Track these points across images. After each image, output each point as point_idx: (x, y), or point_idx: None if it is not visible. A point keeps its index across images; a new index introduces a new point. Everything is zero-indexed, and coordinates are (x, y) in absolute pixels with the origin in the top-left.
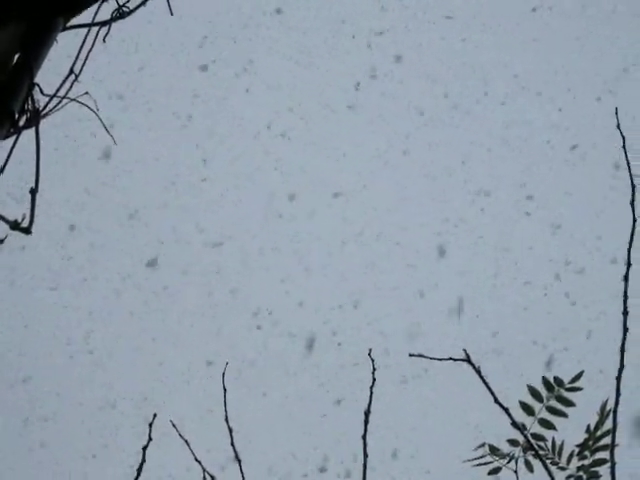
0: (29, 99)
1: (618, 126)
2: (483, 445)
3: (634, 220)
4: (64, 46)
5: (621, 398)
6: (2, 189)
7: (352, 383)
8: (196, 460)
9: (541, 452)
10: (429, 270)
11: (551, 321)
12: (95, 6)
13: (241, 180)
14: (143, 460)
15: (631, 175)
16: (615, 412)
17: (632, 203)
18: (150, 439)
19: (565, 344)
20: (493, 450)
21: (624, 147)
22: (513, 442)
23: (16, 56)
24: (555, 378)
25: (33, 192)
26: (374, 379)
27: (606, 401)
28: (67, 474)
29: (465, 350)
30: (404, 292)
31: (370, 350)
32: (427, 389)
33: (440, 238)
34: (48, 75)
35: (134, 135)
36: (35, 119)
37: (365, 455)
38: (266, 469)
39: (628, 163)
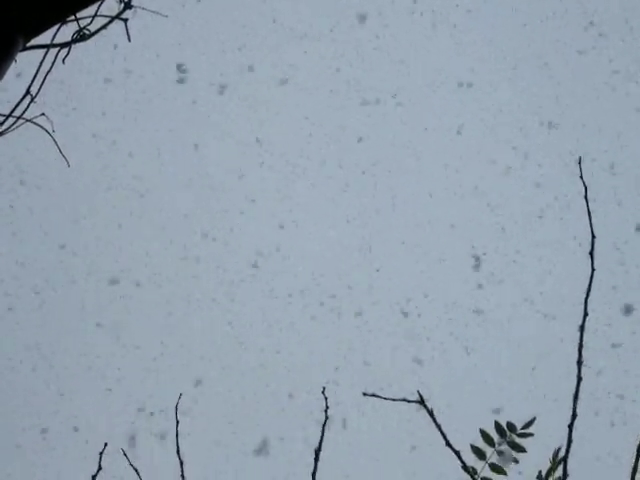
0: None
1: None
2: None
3: (592, 269)
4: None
5: (573, 446)
6: None
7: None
8: None
9: None
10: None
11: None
12: (55, 27)
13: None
14: None
15: (591, 225)
16: (566, 460)
17: (591, 253)
18: (100, 468)
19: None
20: None
21: (586, 197)
22: None
23: None
24: (508, 423)
25: None
26: (326, 417)
27: (558, 449)
28: None
29: (419, 391)
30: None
31: (323, 388)
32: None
33: None
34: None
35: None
36: None
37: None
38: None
39: (589, 213)
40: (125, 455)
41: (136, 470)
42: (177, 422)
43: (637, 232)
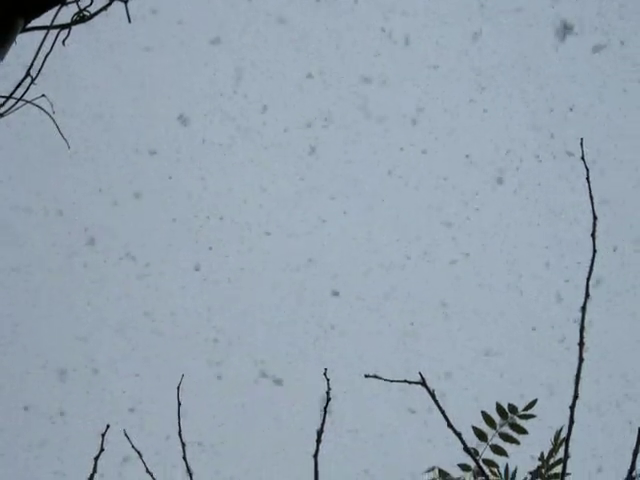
0: None
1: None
2: (433, 469)
3: (594, 251)
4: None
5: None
6: None
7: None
8: (147, 472)
9: (492, 478)
10: None
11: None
12: (55, 9)
13: None
14: (94, 471)
15: (593, 206)
16: (567, 441)
17: (593, 235)
18: (102, 449)
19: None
20: (443, 474)
21: (587, 179)
22: (464, 467)
23: None
24: (509, 405)
25: None
26: (328, 398)
27: (560, 430)
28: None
29: (420, 373)
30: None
31: (325, 370)
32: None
33: None
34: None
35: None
36: None
37: (316, 473)
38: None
39: (590, 192)
40: None
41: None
42: None
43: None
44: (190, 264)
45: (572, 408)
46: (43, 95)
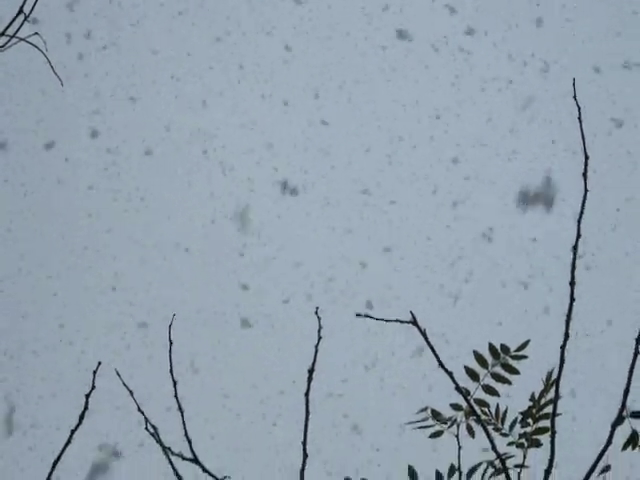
0: None
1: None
2: (425, 409)
3: (585, 191)
4: None
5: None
6: None
7: None
8: (139, 410)
9: (484, 418)
10: None
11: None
12: None
13: None
14: (85, 408)
15: (584, 144)
16: (558, 382)
17: (584, 174)
18: (93, 387)
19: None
20: (435, 414)
21: (579, 118)
22: (456, 407)
23: None
24: (501, 345)
25: None
26: (320, 337)
27: (551, 371)
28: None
29: (412, 312)
30: None
31: (317, 309)
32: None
33: None
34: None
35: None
36: None
37: (307, 412)
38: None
39: (583, 136)
40: None
41: None
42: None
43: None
44: None
45: (562, 348)
46: (36, 33)
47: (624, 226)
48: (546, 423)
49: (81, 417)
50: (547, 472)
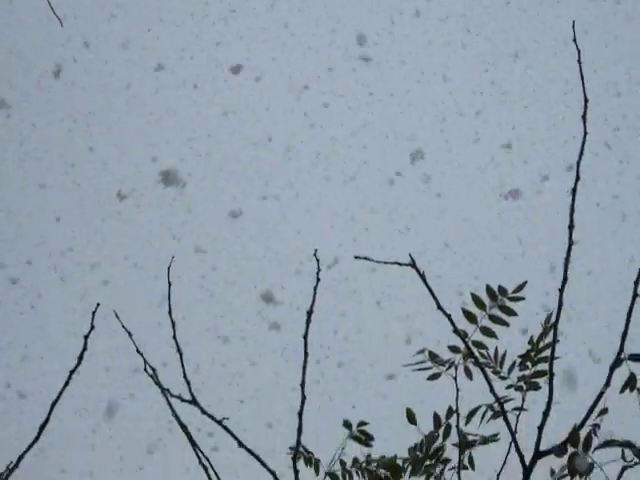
0: None
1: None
2: (423, 351)
3: (585, 133)
4: None
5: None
6: None
7: None
8: (138, 352)
9: (482, 360)
10: None
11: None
12: None
13: None
14: (84, 349)
15: (584, 89)
16: (556, 325)
17: (584, 117)
18: (92, 327)
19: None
20: (433, 356)
21: (579, 61)
22: (454, 349)
23: None
24: (499, 287)
25: None
26: (318, 279)
27: (550, 313)
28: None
29: (410, 255)
30: None
31: (315, 251)
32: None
33: None
34: None
35: None
36: None
37: (306, 354)
38: None
39: (582, 78)
40: None
41: None
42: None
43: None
44: None
45: (561, 291)
46: None
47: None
48: (544, 366)
49: (80, 358)
50: (545, 414)
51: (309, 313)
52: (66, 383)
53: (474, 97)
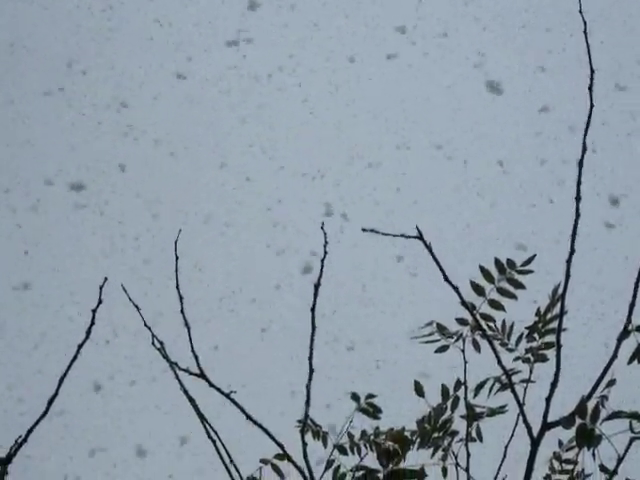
0: None
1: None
2: (431, 323)
3: (591, 105)
4: None
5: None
6: None
7: None
8: (145, 326)
9: (490, 333)
10: None
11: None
12: None
13: None
14: (92, 323)
15: (590, 60)
16: (563, 296)
17: (590, 88)
18: (100, 301)
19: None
20: (441, 328)
21: (585, 32)
22: (462, 321)
23: None
24: (507, 260)
25: None
26: (325, 252)
27: (558, 285)
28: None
29: (417, 227)
30: None
31: (322, 224)
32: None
33: None
34: None
35: None
36: None
37: (313, 327)
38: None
39: (588, 47)
40: None
41: None
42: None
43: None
44: None
45: (568, 262)
46: None
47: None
48: (552, 338)
49: (88, 332)
50: (553, 385)
51: (316, 287)
52: (74, 357)
53: None
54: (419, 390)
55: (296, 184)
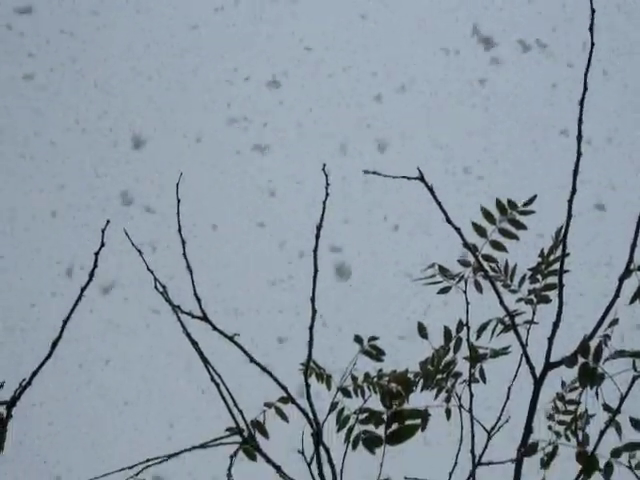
0: None
1: None
2: (433, 265)
3: (592, 44)
4: None
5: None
6: None
7: None
8: (148, 269)
9: (492, 274)
10: None
11: None
12: None
13: None
14: (95, 266)
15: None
16: (565, 237)
17: (591, 28)
18: (103, 244)
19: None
20: (443, 270)
21: None
22: (464, 262)
23: None
24: (508, 200)
25: None
26: (327, 194)
27: (561, 227)
28: None
29: (418, 168)
30: None
31: (324, 165)
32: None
33: None
34: None
35: None
36: None
37: (315, 269)
38: None
39: None
40: None
41: None
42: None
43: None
44: None
45: (570, 202)
46: None
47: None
48: (555, 280)
49: (91, 275)
50: (555, 325)
51: (318, 228)
52: (79, 298)
53: None
54: (422, 331)
55: None
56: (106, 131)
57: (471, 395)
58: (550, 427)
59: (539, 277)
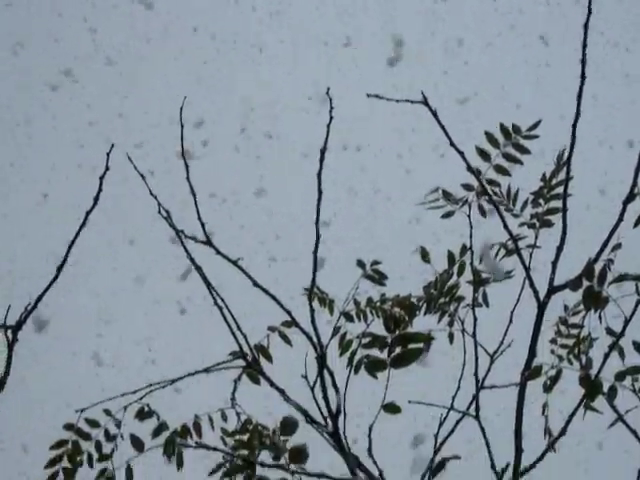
0: None
1: None
2: (437, 190)
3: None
4: None
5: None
6: None
7: None
8: (151, 194)
9: (495, 198)
10: None
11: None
12: None
13: None
14: (100, 190)
15: None
16: (569, 160)
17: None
18: (107, 169)
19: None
20: (446, 195)
21: None
22: (467, 187)
23: None
24: (513, 125)
25: None
26: (331, 117)
27: (563, 150)
28: None
29: (422, 92)
30: None
31: (328, 88)
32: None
33: None
34: None
35: None
36: None
37: (319, 192)
38: None
39: None
40: None
41: None
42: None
43: None
44: None
45: (574, 127)
46: None
47: None
48: (558, 204)
49: (95, 199)
50: (559, 249)
51: (322, 151)
52: (82, 224)
53: None
54: (425, 256)
55: None
56: None
57: (474, 319)
58: (553, 351)
59: (541, 201)
